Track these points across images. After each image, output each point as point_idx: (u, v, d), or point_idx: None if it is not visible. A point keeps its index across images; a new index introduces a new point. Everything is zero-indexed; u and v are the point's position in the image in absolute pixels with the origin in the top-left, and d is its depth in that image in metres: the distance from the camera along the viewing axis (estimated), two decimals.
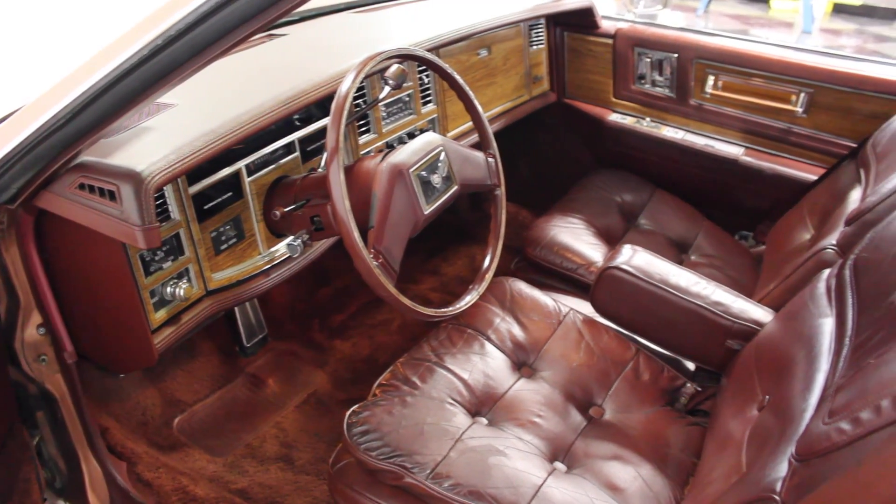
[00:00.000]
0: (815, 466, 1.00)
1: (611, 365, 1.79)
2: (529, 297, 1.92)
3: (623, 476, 1.54)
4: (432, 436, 1.52)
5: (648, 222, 2.51)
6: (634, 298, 1.79)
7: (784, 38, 10.19)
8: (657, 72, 2.78)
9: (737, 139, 2.67)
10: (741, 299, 1.78)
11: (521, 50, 2.76)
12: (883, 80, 2.38)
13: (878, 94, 2.38)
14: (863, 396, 0.99)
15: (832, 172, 2.34)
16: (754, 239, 2.62)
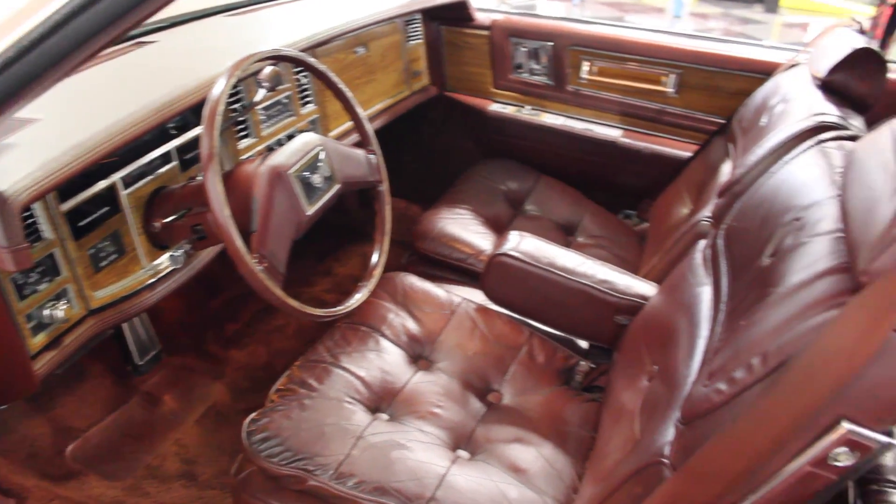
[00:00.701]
0: (697, 428, 1.05)
1: (505, 350, 1.82)
2: (421, 290, 1.94)
3: (525, 457, 1.57)
4: (333, 436, 1.51)
5: (535, 208, 2.56)
6: (524, 283, 1.83)
7: (656, 24, 10.55)
8: (534, 60, 2.84)
9: (614, 122, 2.76)
10: (626, 276, 1.84)
11: (399, 46, 2.76)
12: (745, 59, 2.50)
13: (741, 73, 2.50)
14: (736, 357, 1.04)
15: (705, 148, 2.44)
16: (638, 217, 2.71)
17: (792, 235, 1.16)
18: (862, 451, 0.88)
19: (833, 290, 0.94)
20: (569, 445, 1.62)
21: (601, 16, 10.26)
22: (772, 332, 0.99)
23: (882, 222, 0.89)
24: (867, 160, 1.07)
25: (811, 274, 1.00)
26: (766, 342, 0.98)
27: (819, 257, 1.02)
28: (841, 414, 0.86)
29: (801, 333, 0.93)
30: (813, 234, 1.09)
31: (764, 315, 1.05)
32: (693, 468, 0.98)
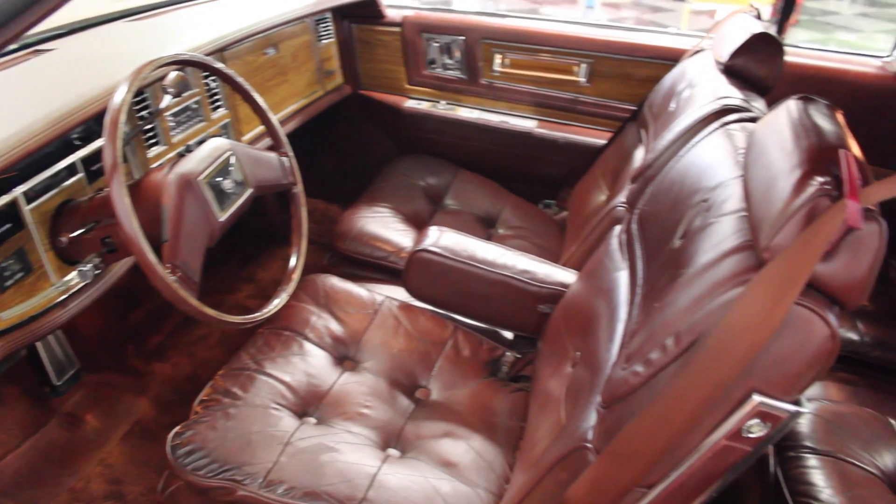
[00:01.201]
0: (618, 410, 1.07)
1: (431, 346, 1.82)
2: (343, 291, 1.92)
3: (456, 451, 1.58)
4: (260, 444, 1.49)
5: (454, 202, 2.57)
6: (445, 278, 1.84)
7: (570, 14, 10.70)
8: (447, 55, 2.84)
9: (529, 113, 2.79)
10: (546, 265, 1.86)
11: (310, 45, 2.73)
12: (653, 46, 2.56)
13: (649, 60, 2.56)
14: (651, 339, 1.06)
15: (618, 135, 2.49)
16: (557, 206, 2.74)
17: (700, 217, 1.19)
18: (773, 422, 0.91)
19: (738, 267, 0.97)
20: (498, 436, 1.63)
21: (516, 8, 10.35)
22: (683, 313, 1.01)
23: (780, 200, 0.92)
24: (766, 140, 1.10)
25: (718, 253, 1.02)
26: (678, 322, 1.00)
27: (725, 237, 1.05)
28: (751, 387, 0.89)
29: (710, 312, 0.95)
30: (719, 214, 1.12)
31: (676, 296, 1.07)
32: (615, 450, 1.00)
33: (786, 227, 0.88)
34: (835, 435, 1.67)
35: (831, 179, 0.89)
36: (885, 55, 2.54)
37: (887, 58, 2.53)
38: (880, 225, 0.85)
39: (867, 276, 0.86)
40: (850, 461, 1.61)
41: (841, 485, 1.54)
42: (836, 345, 0.87)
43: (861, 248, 0.85)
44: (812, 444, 1.64)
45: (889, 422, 1.74)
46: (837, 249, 0.85)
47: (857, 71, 2.48)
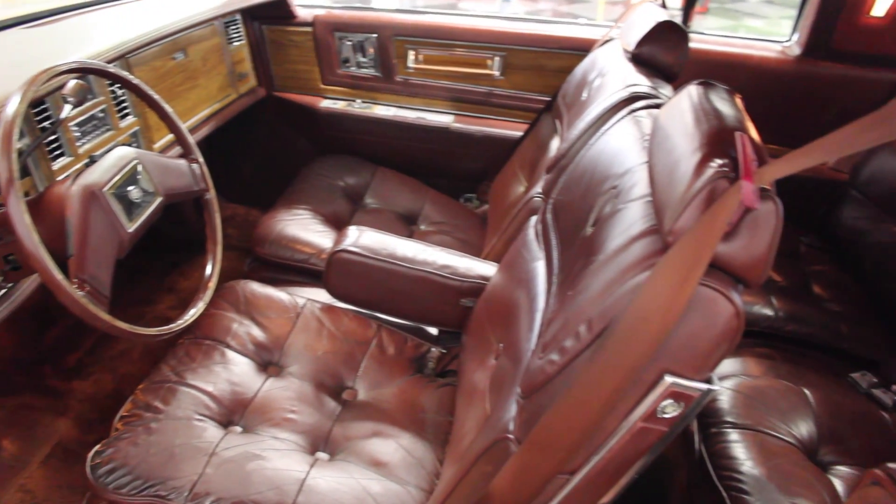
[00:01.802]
0: (536, 400, 1.07)
1: (355, 346, 1.81)
2: (263, 296, 1.89)
3: (385, 450, 1.57)
4: (184, 456, 1.46)
5: (375, 201, 2.56)
6: (366, 277, 1.83)
7: (487, 9, 10.76)
8: (360, 54, 2.83)
9: (445, 108, 2.79)
10: (467, 258, 1.87)
11: (221, 48, 2.68)
12: (564, 37, 2.59)
13: (561, 51, 2.59)
14: (565, 327, 1.07)
15: (534, 127, 2.51)
16: (478, 199, 2.76)
17: (610, 203, 1.20)
18: (686, 401, 0.93)
19: (645, 252, 0.98)
20: (427, 432, 1.63)
21: (435, 4, 10.36)
22: (595, 299, 1.02)
23: (681, 183, 0.94)
24: (668, 125, 1.12)
25: (626, 239, 1.04)
26: (590, 309, 1.02)
27: (633, 222, 1.06)
28: (663, 368, 0.91)
29: (619, 297, 0.97)
30: (627, 200, 1.14)
31: (588, 283, 1.08)
32: (535, 440, 1.00)
33: (687, 209, 0.89)
34: (754, 409, 1.72)
35: (729, 161, 0.91)
36: (785, 40, 2.63)
37: (787, 43, 2.61)
38: (776, 204, 0.87)
39: (766, 253, 0.88)
40: (768, 433, 1.66)
41: (760, 456, 1.58)
42: (741, 322, 0.89)
43: (759, 227, 0.87)
44: (732, 419, 1.68)
45: (804, 392, 1.80)
46: (737, 230, 0.87)
47: (760, 56, 2.56)
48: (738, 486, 1.52)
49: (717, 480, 1.56)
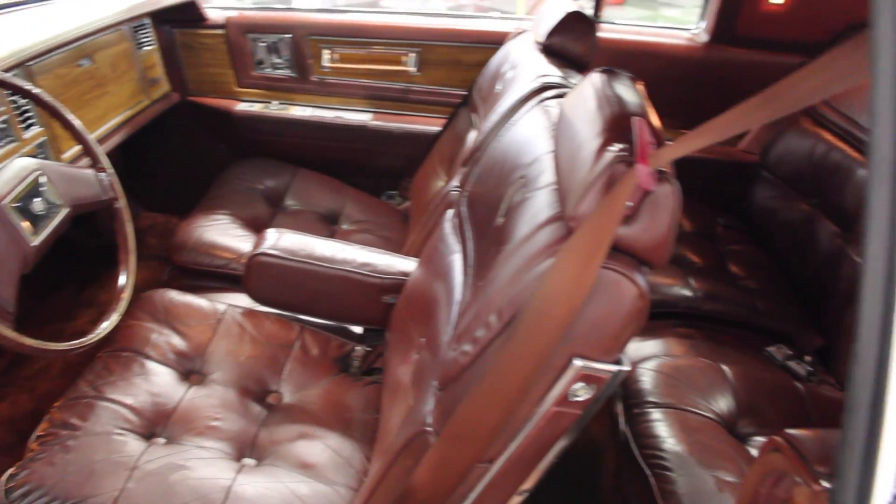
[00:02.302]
0: (452, 391, 1.08)
1: (278, 349, 1.79)
2: (182, 304, 1.86)
3: (312, 452, 1.56)
4: (104, 473, 1.42)
5: (295, 203, 2.54)
6: (286, 279, 1.81)
7: (408, 6, 10.74)
8: (275, 55, 2.80)
9: (363, 106, 2.79)
10: (387, 255, 1.87)
11: (130, 54, 2.62)
12: (478, 31, 2.62)
13: (476, 45, 2.61)
14: (477, 317, 1.08)
15: (452, 121, 2.53)
16: (400, 196, 2.76)
17: (519, 193, 1.22)
18: (598, 383, 0.94)
19: (551, 239, 1.00)
20: (354, 431, 1.63)
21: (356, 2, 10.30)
22: (504, 288, 1.03)
23: (583, 169, 0.95)
24: (572, 113, 1.14)
25: (533, 227, 1.05)
26: (499, 298, 1.03)
27: (539, 210, 1.08)
28: (572, 353, 0.92)
29: (527, 285, 0.98)
30: (535, 188, 1.15)
31: (497, 273, 1.10)
32: (452, 431, 1.01)
33: (587, 194, 0.91)
34: (674, 387, 1.76)
35: (628, 146, 0.93)
36: (693, 28, 2.69)
37: (695, 30, 2.68)
38: (673, 185, 0.89)
39: (667, 234, 0.91)
40: (689, 410, 1.71)
41: (682, 433, 1.62)
42: (646, 303, 0.91)
43: (659, 209, 0.89)
44: (654, 399, 1.72)
45: (722, 368, 1.85)
46: (638, 212, 0.89)
47: (670, 44, 2.62)
48: (661, 463, 1.56)
49: (640, 459, 1.60)
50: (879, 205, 0.65)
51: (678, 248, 2.38)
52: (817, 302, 2.13)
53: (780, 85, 0.77)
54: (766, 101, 0.78)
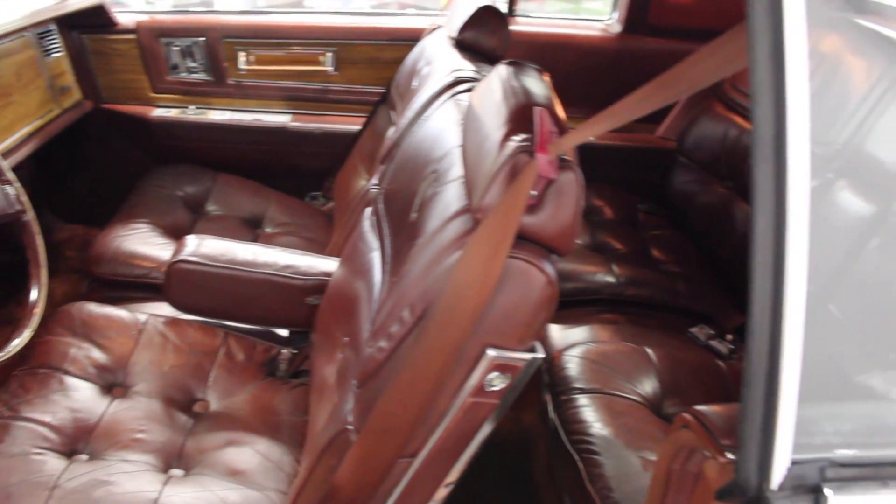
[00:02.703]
0: (370, 388, 1.08)
1: (203, 357, 1.76)
2: (102, 317, 1.81)
3: (241, 458, 1.54)
4: (22, 495, 1.38)
5: (217, 208, 2.50)
6: (208, 286, 1.79)
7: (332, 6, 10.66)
8: (189, 58, 2.75)
9: (282, 108, 2.76)
10: (309, 256, 1.86)
11: (36, 62, 2.54)
12: (393, 28, 2.62)
13: (392, 42, 2.62)
14: (392, 312, 1.08)
15: (372, 119, 2.52)
16: (324, 197, 2.74)
17: (431, 187, 1.22)
18: (513, 372, 0.95)
19: (459, 231, 1.00)
20: (283, 435, 1.61)
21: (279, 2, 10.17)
22: (416, 282, 1.04)
23: (488, 160, 0.96)
24: (478, 106, 1.15)
25: (442, 220, 1.06)
26: (412, 293, 1.03)
27: (449, 203, 1.08)
28: (485, 343, 0.93)
29: (437, 278, 0.98)
30: (445, 182, 1.16)
31: (410, 267, 1.10)
32: (372, 427, 1.01)
33: (492, 186, 0.92)
34: (600, 373, 1.79)
35: (531, 136, 0.94)
36: (606, 18, 2.74)
37: (608, 21, 2.72)
38: (575, 173, 0.91)
39: (572, 221, 0.92)
40: (615, 394, 1.74)
41: (608, 416, 1.65)
42: (554, 290, 0.92)
43: (563, 197, 0.91)
44: (581, 385, 1.75)
45: (646, 351, 1.88)
46: (543, 201, 0.90)
47: (584, 35, 2.66)
48: (589, 447, 1.58)
49: (568, 445, 1.62)
50: (764, 183, 0.68)
51: (601, 236, 2.42)
52: (736, 281, 2.19)
53: (672, 71, 0.79)
54: (661, 87, 0.80)
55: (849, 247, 1.80)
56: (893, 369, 1.54)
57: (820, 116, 2.29)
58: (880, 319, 1.71)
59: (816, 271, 1.97)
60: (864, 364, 1.58)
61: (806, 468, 0.76)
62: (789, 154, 0.67)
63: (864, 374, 1.56)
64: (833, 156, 1.95)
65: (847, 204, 1.85)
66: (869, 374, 1.58)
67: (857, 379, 1.55)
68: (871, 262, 1.76)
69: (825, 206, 1.92)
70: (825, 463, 0.77)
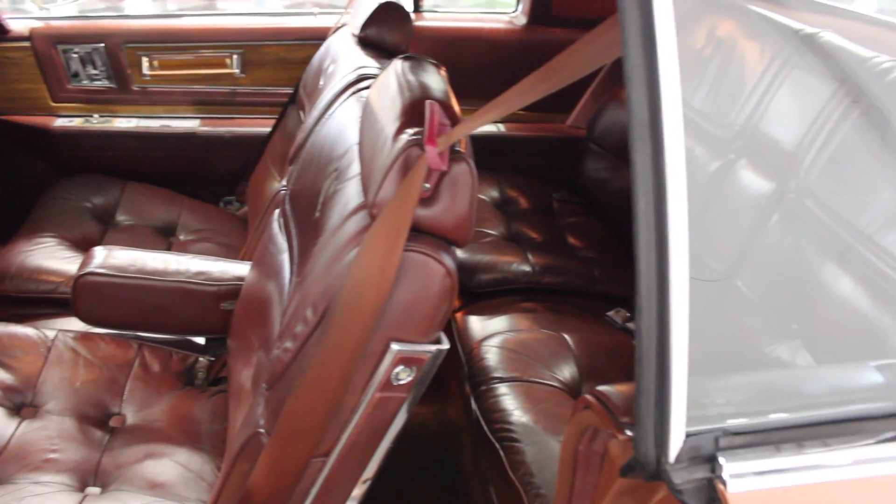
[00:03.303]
0: (278, 389, 1.08)
1: (116, 370, 1.72)
2: (6, 336, 1.75)
3: (161, 471, 1.51)
4: None
5: (127, 218, 2.44)
6: (118, 297, 1.75)
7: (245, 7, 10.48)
8: (90, 65, 2.67)
9: (190, 113, 2.71)
10: (221, 262, 1.84)
11: None
12: (299, 28, 2.61)
13: (299, 42, 2.60)
14: (296, 312, 1.08)
15: (282, 120, 2.50)
16: (238, 201, 2.71)
17: (333, 185, 1.22)
18: (418, 364, 0.96)
19: (358, 227, 1.01)
20: (204, 444, 1.59)
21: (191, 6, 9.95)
22: (317, 281, 1.04)
23: (382, 155, 0.97)
24: (374, 101, 1.15)
25: (342, 217, 1.06)
26: (314, 292, 1.03)
27: (348, 200, 1.09)
28: (389, 337, 0.93)
29: (337, 275, 0.98)
30: (345, 179, 1.16)
31: (312, 266, 1.10)
32: (282, 428, 1.01)
33: (386, 181, 0.92)
34: (519, 361, 1.81)
35: (422, 130, 0.95)
36: (511, 11, 2.77)
37: (513, 13, 2.75)
38: (468, 163, 0.92)
39: (468, 212, 0.93)
40: (534, 381, 1.76)
41: (527, 403, 1.68)
42: (454, 281, 0.93)
43: (457, 188, 0.92)
44: (500, 374, 1.77)
45: (564, 337, 1.92)
46: (437, 194, 0.91)
47: (490, 28, 2.69)
48: (510, 435, 1.61)
49: (489, 434, 1.64)
50: (642, 162, 0.70)
51: (517, 226, 2.45)
52: None
53: (556, 61, 0.81)
54: (546, 76, 0.82)
55: (752, 224, 1.87)
56: (792, 339, 1.60)
57: (719, 100, 2.36)
58: (781, 291, 1.78)
59: (722, 248, 2.03)
60: (763, 335, 1.65)
61: (701, 439, 0.78)
62: (665, 135, 0.69)
63: (759, 345, 1.63)
64: (733, 137, 2.02)
65: (748, 182, 1.92)
66: (765, 344, 1.64)
67: (754, 350, 1.62)
68: (772, 238, 1.83)
69: (728, 186, 1.99)
70: (719, 433, 0.80)
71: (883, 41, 1.90)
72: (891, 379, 0.97)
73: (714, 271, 1.84)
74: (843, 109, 1.67)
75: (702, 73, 2.21)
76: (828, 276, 1.62)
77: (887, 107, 1.67)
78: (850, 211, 1.62)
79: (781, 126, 1.91)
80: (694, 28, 2.28)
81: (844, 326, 1.55)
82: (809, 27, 1.91)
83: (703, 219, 2.04)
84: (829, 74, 1.89)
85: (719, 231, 1.94)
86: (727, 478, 0.78)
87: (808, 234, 1.74)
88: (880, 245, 1.51)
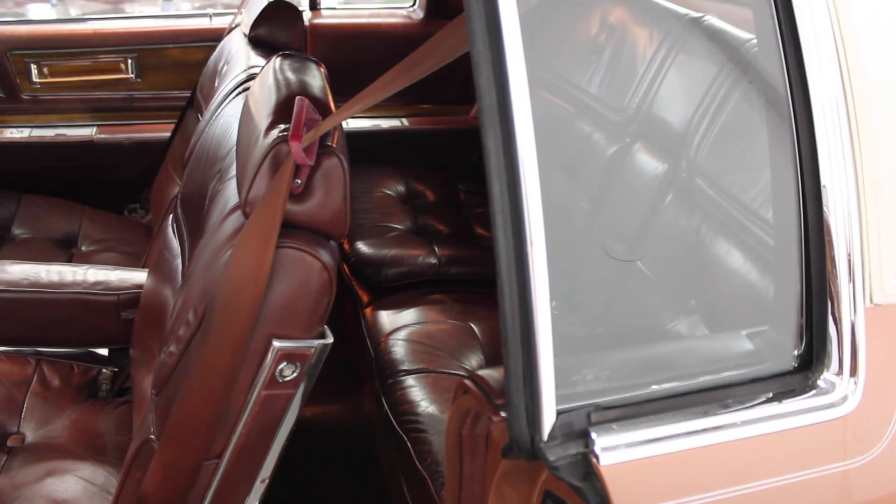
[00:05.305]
0: (165, 394, 1.07)
1: (13, 388, 1.67)
2: None
3: (62, 487, 1.48)
4: None
5: (24, 231, 2.36)
6: (11, 313, 1.70)
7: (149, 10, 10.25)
8: None
9: (86, 120, 2.64)
10: (120, 270, 1.81)
11: None
12: (193, 29, 2.57)
13: (195, 44, 2.56)
14: (179, 315, 1.07)
15: (181, 124, 2.45)
16: (143, 209, 2.66)
17: (216, 185, 1.22)
18: (302, 360, 0.97)
19: (234, 227, 1.01)
20: (109, 456, 1.56)
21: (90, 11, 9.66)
22: (197, 282, 1.04)
23: (254, 152, 0.97)
24: (252, 100, 1.15)
25: (220, 218, 1.06)
26: (193, 293, 1.03)
27: (227, 200, 1.09)
28: (270, 334, 0.94)
29: (214, 276, 0.98)
30: (226, 179, 1.16)
31: (194, 267, 1.10)
32: (171, 433, 1.00)
33: (257, 179, 0.93)
34: (425, 353, 1.83)
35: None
36: (409, 6, 2.78)
37: (411, 8, 2.77)
38: (338, 157, 0.93)
39: (342, 205, 0.94)
40: (441, 371, 1.79)
41: (433, 394, 1.70)
42: (332, 275, 0.94)
43: (329, 182, 0.93)
44: (406, 367, 1.78)
45: (471, 327, 1.94)
46: (310, 189, 0.92)
47: (389, 23, 2.70)
48: (416, 426, 1.62)
49: (397, 426, 1.66)
50: (494, 147, 0.72)
51: (423, 219, 2.47)
52: None
53: (418, 52, 0.83)
54: (408, 68, 0.84)
55: (649, 204, 1.92)
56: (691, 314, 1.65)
57: (613, 85, 2.41)
58: (678, 269, 1.84)
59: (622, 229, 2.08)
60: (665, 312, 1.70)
61: (572, 416, 0.81)
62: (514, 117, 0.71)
63: (660, 322, 1.68)
64: (628, 121, 2.07)
65: (644, 164, 1.97)
66: (667, 321, 1.69)
67: (657, 328, 1.67)
68: (668, 217, 1.88)
69: (625, 169, 2.04)
70: (590, 408, 0.82)
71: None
72: (759, 346, 1.02)
73: (616, 253, 1.89)
74: (725, 90, 1.73)
75: (597, 59, 2.26)
76: (720, 250, 1.68)
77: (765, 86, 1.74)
78: (737, 187, 1.68)
79: (671, 108, 1.97)
80: (588, 14, 2.33)
81: (737, 298, 1.60)
82: (693, 12, 1.98)
83: (604, 202, 2.10)
84: (712, 57, 1.96)
85: (619, 213, 1.99)
86: (599, 451, 0.80)
87: (700, 211, 1.79)
88: (764, 219, 1.57)
